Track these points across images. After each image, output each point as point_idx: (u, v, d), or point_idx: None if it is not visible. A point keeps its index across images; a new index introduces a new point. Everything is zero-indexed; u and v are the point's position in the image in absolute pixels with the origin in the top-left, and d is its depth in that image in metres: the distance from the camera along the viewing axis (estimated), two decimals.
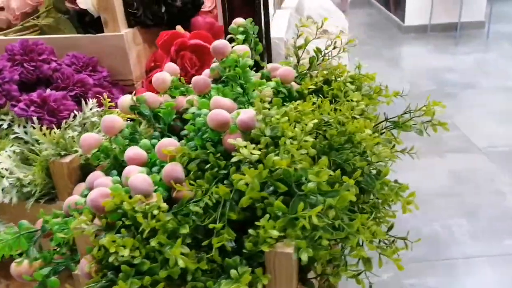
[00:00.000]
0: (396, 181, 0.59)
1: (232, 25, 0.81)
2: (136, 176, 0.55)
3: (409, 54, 4.87)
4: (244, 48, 0.71)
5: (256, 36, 0.85)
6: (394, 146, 0.63)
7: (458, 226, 2.18)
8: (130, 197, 0.53)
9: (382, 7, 6.25)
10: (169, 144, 0.59)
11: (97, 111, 0.74)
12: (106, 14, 0.89)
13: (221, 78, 0.74)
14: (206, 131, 0.61)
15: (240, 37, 0.78)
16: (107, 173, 0.65)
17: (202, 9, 1.24)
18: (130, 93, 0.92)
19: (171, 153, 0.58)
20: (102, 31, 0.91)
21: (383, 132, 0.66)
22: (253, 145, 0.53)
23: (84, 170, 0.71)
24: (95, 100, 0.76)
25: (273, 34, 1.17)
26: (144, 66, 0.97)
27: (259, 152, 0.52)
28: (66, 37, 0.93)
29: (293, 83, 0.81)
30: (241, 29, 0.80)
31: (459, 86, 3.72)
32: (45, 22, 0.98)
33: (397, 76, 4.08)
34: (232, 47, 0.71)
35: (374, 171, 0.58)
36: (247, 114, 0.59)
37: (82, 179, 0.69)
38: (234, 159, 0.52)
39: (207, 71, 0.75)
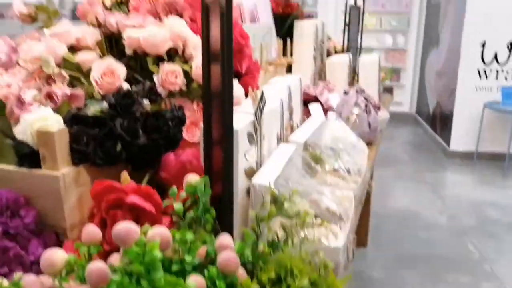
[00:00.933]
0: None
1: (174, 187, 0.64)
2: None
3: (452, 181, 4.60)
4: (157, 234, 0.53)
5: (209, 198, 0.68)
6: None
7: None
8: None
9: (428, 127, 6.09)
10: None
11: None
12: (44, 149, 0.75)
13: None
14: None
15: (177, 206, 0.61)
16: None
17: (192, 140, 1.10)
18: (59, 244, 0.76)
19: None
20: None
21: None
22: None
23: None
24: None
25: (259, 179, 1.00)
26: (88, 211, 0.81)
27: None
28: None
29: (242, 272, 0.62)
30: (189, 189, 0.64)
31: (503, 225, 3.39)
32: None
33: (437, 205, 3.80)
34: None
35: None
36: None
37: None
38: None
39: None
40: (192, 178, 0.68)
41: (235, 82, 1.16)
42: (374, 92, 2.37)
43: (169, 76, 1.06)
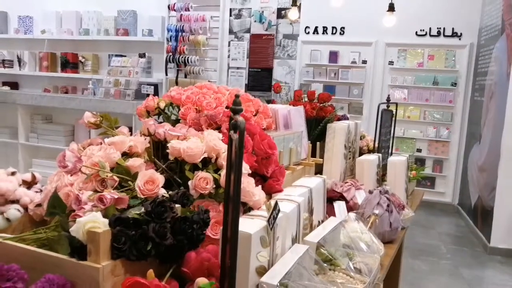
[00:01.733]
0: None
1: None
2: None
3: (490, 280, 4.50)
4: None
5: None
6: None
7: None
8: None
9: (469, 220, 6.01)
10: None
11: None
12: (91, 244, 0.96)
13: None
14: None
15: None
16: None
17: (214, 237, 1.27)
18: None
19: None
20: None
21: None
22: None
23: None
24: None
25: (266, 278, 1.14)
26: None
27: None
28: (53, 256, 1.00)
29: None
30: None
31: None
32: (50, 235, 1.07)
33: None
34: None
35: None
36: None
37: None
38: None
39: None
40: (201, 281, 0.85)
41: (258, 188, 1.35)
42: (401, 191, 2.50)
43: (201, 182, 1.26)
